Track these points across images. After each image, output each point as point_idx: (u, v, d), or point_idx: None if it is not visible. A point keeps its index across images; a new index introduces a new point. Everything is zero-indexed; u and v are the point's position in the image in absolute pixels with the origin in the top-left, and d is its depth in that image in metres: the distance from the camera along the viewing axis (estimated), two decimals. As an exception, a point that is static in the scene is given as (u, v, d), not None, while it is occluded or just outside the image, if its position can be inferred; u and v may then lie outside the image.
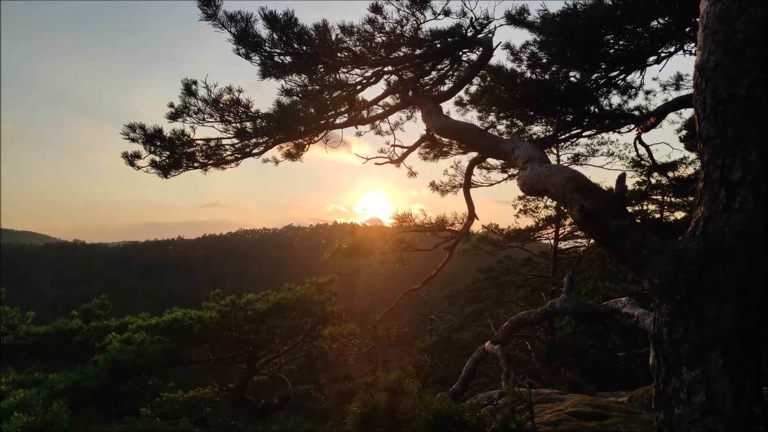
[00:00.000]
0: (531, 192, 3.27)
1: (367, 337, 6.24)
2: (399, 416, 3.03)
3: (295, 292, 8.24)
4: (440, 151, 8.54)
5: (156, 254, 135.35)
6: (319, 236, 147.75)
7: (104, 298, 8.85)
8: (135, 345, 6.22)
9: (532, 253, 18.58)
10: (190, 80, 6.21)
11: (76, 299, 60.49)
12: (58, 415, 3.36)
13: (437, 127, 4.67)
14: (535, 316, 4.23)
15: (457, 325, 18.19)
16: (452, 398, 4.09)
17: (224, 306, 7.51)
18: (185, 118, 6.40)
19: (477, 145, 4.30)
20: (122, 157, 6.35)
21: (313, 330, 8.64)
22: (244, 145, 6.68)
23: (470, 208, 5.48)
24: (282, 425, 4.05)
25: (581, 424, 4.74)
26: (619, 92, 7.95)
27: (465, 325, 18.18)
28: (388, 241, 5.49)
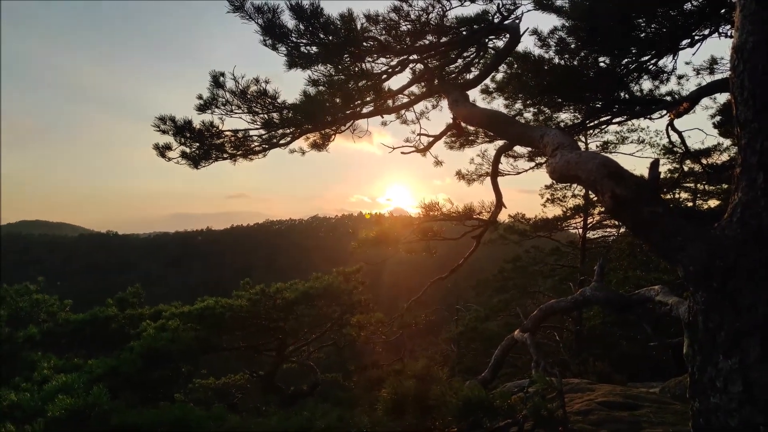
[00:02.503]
0: (561, 179, 3.24)
1: (395, 325, 6.28)
2: (429, 403, 3.06)
3: (322, 281, 8.34)
4: (466, 140, 8.48)
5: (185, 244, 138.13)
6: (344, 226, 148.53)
7: (138, 287, 9.10)
8: (169, 332, 6.40)
9: (560, 242, 18.40)
10: (218, 72, 6.29)
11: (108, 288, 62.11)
12: (99, 398, 3.48)
13: (464, 115, 4.64)
14: (565, 305, 4.19)
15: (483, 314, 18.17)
16: (481, 386, 4.10)
17: (254, 294, 7.66)
18: (213, 109, 6.50)
19: (504, 132, 4.26)
20: (154, 148, 6.48)
21: (340, 318, 8.74)
22: (271, 136, 6.76)
23: (498, 196, 5.45)
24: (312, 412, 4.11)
25: (612, 414, 4.70)
26: (651, 77, 7.74)
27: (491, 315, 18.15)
28: (415, 231, 5.49)
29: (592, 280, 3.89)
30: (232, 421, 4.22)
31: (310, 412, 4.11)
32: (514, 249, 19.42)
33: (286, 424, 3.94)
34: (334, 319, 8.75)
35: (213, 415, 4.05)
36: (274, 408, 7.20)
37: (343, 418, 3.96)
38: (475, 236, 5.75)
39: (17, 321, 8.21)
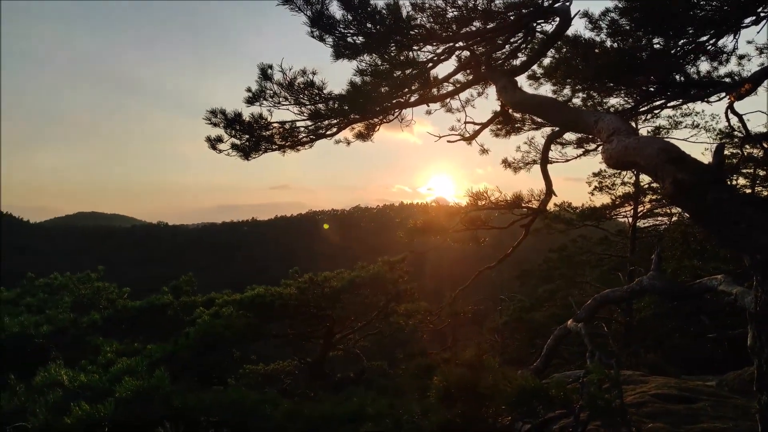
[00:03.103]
0: (617, 165, 3.15)
1: (442, 314, 6.29)
2: (481, 391, 3.06)
3: (368, 270, 8.43)
4: (512, 127, 8.34)
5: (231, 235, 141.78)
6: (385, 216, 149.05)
7: (190, 275, 9.43)
8: (223, 319, 6.62)
9: (608, 231, 17.92)
10: (266, 65, 6.39)
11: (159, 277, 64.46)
12: (161, 381, 3.64)
13: (513, 102, 4.56)
14: (620, 294, 4.09)
15: (528, 305, 17.92)
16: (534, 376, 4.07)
17: (302, 283, 7.82)
18: (262, 101, 6.61)
19: (555, 119, 4.17)
20: (206, 141, 6.67)
21: (386, 307, 8.81)
22: (317, 127, 6.83)
23: (548, 184, 5.35)
24: (363, 398, 4.19)
25: (667, 407, 4.57)
26: (709, 58, 7.39)
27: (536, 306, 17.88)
28: (462, 220, 5.46)
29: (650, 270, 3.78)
30: (284, 405, 4.34)
31: (361, 399, 4.18)
32: (560, 238, 19.04)
33: (337, 410, 4.02)
34: (380, 308, 8.83)
35: (267, 399, 4.17)
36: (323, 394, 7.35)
37: (393, 405, 4.01)
38: (524, 225, 5.67)
39: (80, 307, 8.67)
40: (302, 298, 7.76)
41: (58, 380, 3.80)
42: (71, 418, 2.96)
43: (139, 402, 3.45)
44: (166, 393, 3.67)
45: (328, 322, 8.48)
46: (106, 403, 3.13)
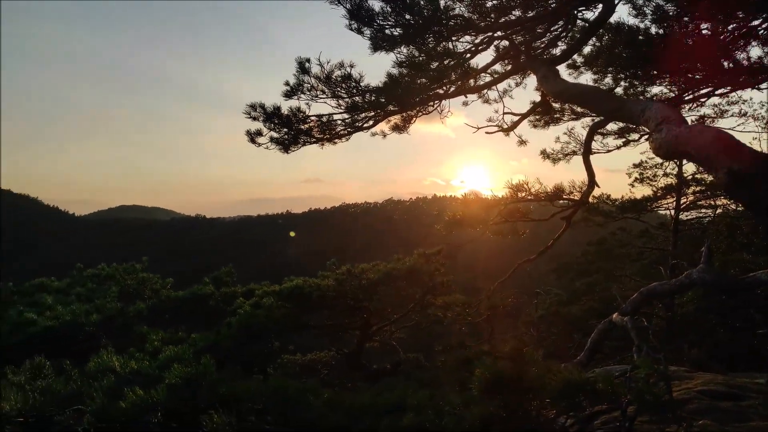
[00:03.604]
0: (667, 155, 3.07)
1: (482, 306, 6.27)
2: (524, 384, 3.04)
3: (404, 262, 8.45)
4: (551, 117, 8.21)
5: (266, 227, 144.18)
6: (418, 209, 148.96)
7: (230, 267, 9.65)
8: (264, 309, 6.76)
9: (649, 224, 17.46)
10: (304, 58, 6.45)
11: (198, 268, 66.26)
12: (208, 369, 3.73)
13: (555, 91, 4.49)
14: (668, 288, 3.98)
15: (565, 299, 17.64)
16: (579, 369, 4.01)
17: (340, 275, 7.91)
18: (299, 95, 6.69)
19: (600, 108, 4.09)
20: (246, 134, 6.79)
21: (422, 300, 8.83)
22: (354, 120, 6.87)
23: (590, 175, 5.25)
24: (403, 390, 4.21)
25: (715, 403, 4.44)
26: (760, 43, 7.09)
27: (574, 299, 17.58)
28: (501, 212, 5.41)
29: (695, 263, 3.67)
30: (325, 395, 4.40)
31: (401, 390, 4.20)
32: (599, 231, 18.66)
33: (378, 400, 4.05)
34: (416, 300, 8.85)
35: (308, 388, 4.23)
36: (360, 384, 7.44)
37: (434, 396, 4.02)
38: (565, 217, 5.58)
39: (126, 297, 8.99)
40: (340, 289, 7.84)
41: (110, 366, 3.95)
42: (126, 402, 3.08)
43: (188, 388, 3.55)
44: (213, 380, 3.77)
45: (365, 313, 8.55)
46: (159, 388, 3.24)
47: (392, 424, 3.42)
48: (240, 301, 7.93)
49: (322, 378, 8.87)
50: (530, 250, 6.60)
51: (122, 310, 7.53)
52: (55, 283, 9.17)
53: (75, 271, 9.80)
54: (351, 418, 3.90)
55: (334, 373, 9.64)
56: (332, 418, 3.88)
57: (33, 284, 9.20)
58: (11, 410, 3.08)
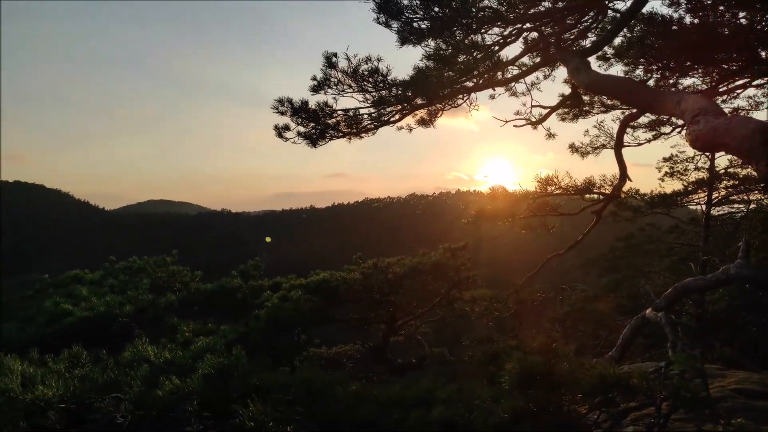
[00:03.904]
0: (704, 147, 3.00)
1: (509, 301, 6.24)
2: (556, 379, 3.02)
3: (429, 256, 8.44)
4: (580, 110, 8.08)
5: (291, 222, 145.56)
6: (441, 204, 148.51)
7: (257, 260, 9.78)
8: (291, 302, 6.84)
9: (679, 219, 17.05)
10: (331, 53, 6.47)
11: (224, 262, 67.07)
12: (239, 359, 3.79)
13: (587, 83, 4.41)
14: (703, 283, 3.90)
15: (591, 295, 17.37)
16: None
17: (366, 268, 7.94)
18: (326, 90, 6.71)
19: (634, 100, 4.00)
20: (274, 129, 6.86)
21: (447, 294, 8.81)
22: (380, 114, 6.87)
23: (622, 169, 5.15)
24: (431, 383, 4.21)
25: (750, 402, 4.34)
26: (800, 32, 6.87)
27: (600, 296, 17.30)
28: (530, 206, 5.35)
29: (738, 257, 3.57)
30: (353, 387, 4.43)
31: (429, 383, 4.20)
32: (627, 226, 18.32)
33: (406, 393, 4.06)
34: (442, 295, 8.84)
35: (337, 380, 4.26)
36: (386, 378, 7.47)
37: (462, 390, 4.01)
38: (596, 211, 5.49)
39: (157, 289, 9.18)
40: (366, 283, 7.88)
41: (145, 356, 4.04)
42: (163, 390, 3.15)
43: (220, 379, 3.62)
44: (244, 371, 3.84)
45: (391, 307, 8.58)
46: (194, 378, 3.31)
47: (421, 417, 3.43)
48: (267, 294, 8.03)
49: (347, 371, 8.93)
50: (554, 244, 6.53)
51: (154, 302, 7.69)
52: (89, 275, 9.43)
53: (108, 264, 10.06)
54: (379, 411, 3.92)
55: (359, 367, 9.69)
56: (360, 410, 3.91)
57: (68, 276, 9.48)
58: (53, 397, 3.18)
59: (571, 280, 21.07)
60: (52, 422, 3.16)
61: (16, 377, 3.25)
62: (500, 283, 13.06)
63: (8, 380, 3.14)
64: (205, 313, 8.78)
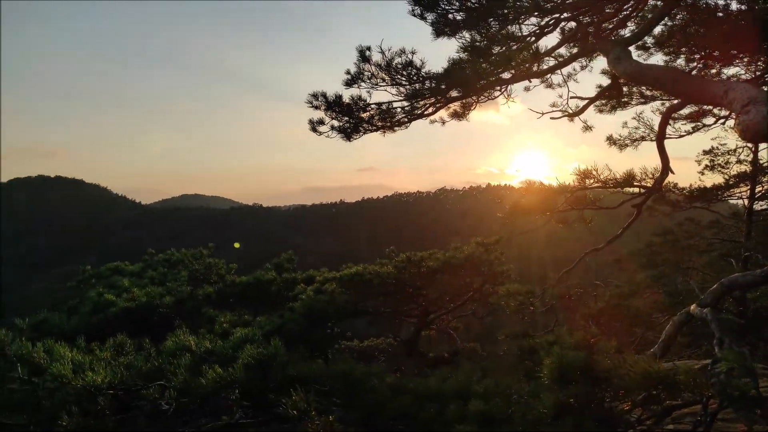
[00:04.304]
0: (755, 138, 2.91)
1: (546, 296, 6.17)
2: (598, 374, 2.97)
3: (462, 251, 8.40)
4: (619, 102, 7.88)
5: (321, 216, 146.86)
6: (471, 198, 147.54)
7: (291, 253, 9.90)
8: (326, 295, 6.92)
9: (720, 214, 16.48)
10: (365, 46, 6.48)
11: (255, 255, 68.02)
12: (278, 350, 3.86)
13: (628, 73, 4.29)
14: (751, 279, 3.77)
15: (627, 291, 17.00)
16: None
17: (399, 262, 7.96)
18: (360, 83, 6.73)
19: (678, 90, 3.87)
20: (308, 123, 6.91)
21: (480, 289, 8.75)
22: (413, 107, 6.85)
23: (664, 161, 5.01)
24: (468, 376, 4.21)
25: (801, 403, 4.19)
26: None
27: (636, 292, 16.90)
28: (568, 200, 5.26)
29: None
30: (390, 379, 4.46)
31: (466, 377, 4.20)
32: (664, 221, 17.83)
33: (443, 386, 4.07)
34: (475, 289, 8.79)
35: (374, 372, 4.30)
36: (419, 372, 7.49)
37: (499, 383, 3.99)
38: (636, 205, 5.37)
39: (194, 281, 9.40)
40: (399, 277, 7.89)
41: (186, 345, 4.14)
42: (206, 379, 3.23)
43: (259, 368, 3.69)
44: (283, 361, 3.90)
45: (424, 301, 8.58)
46: (236, 367, 3.38)
47: (459, 410, 3.43)
48: (300, 287, 8.13)
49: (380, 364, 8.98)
50: (586, 239, 6.43)
51: (192, 294, 7.89)
52: (129, 267, 9.72)
53: (147, 256, 10.34)
54: (415, 403, 3.94)
55: (391, 360, 9.74)
56: (397, 402, 3.93)
57: (108, 267, 9.78)
58: (102, 383, 3.30)
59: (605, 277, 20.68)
60: (102, 408, 3.27)
61: (68, 364, 3.38)
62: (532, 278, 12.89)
63: (61, 366, 3.27)
64: (241, 305, 8.94)
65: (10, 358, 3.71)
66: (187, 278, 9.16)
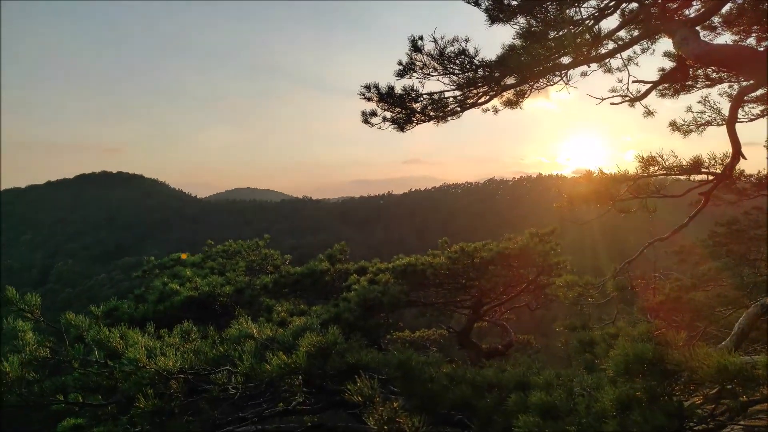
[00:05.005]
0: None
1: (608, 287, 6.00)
2: (668, 367, 2.87)
3: (516, 241, 8.27)
4: (683, 85, 7.52)
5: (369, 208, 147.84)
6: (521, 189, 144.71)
7: (343, 244, 10.01)
8: (380, 285, 6.98)
9: (792, 202, 15.50)
10: (416, 36, 6.45)
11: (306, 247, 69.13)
12: (336, 338, 3.93)
13: (697, 54, 4.09)
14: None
15: (688, 284, 16.27)
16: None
17: (453, 253, 7.92)
18: (412, 74, 6.70)
19: (755, 71, 3.66)
20: (361, 115, 6.95)
21: (535, 280, 8.60)
22: (465, 96, 6.77)
23: (735, 146, 4.74)
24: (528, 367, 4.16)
25: None
26: None
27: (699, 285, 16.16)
28: (630, 188, 5.07)
29: None
30: (446, 369, 4.47)
31: (526, 367, 4.15)
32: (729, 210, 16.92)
33: (502, 377, 4.04)
34: (529, 281, 8.64)
35: (431, 362, 4.32)
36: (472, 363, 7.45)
37: (560, 375, 3.92)
38: (703, 193, 5.12)
39: (251, 271, 9.70)
40: (452, 267, 7.86)
41: (249, 333, 4.28)
42: (271, 365, 3.33)
43: (321, 356, 3.77)
44: (342, 349, 3.97)
45: (477, 292, 8.51)
46: (296, 354, 3.47)
47: (519, 401, 3.40)
48: (353, 277, 8.22)
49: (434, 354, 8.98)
50: (642, 229, 6.17)
51: (249, 283, 8.13)
52: (190, 257, 10.12)
53: (206, 247, 10.74)
54: (474, 393, 3.93)
55: (443, 352, 9.72)
56: (456, 391, 3.93)
57: (171, 258, 10.23)
58: (173, 368, 3.46)
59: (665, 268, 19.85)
60: (174, 390, 3.44)
61: (141, 349, 3.56)
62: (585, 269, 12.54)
63: (136, 351, 3.45)
64: (295, 294, 9.14)
65: (88, 342, 3.95)
66: (244, 268, 9.45)
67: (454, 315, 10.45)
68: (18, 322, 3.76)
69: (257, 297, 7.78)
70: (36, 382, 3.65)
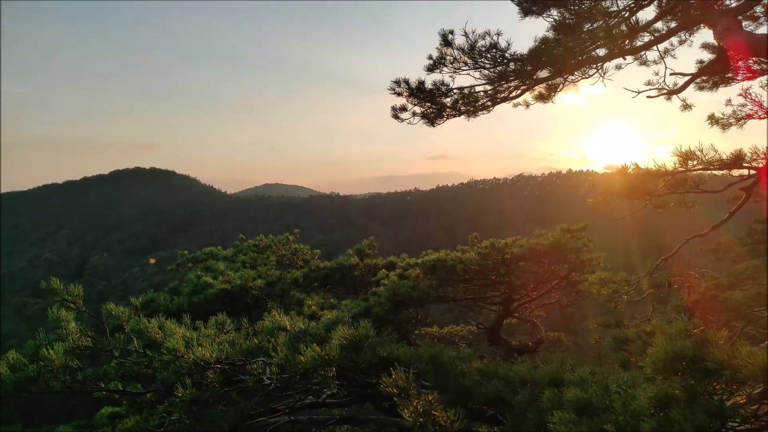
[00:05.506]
0: None
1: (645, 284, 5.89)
2: (708, 365, 2.81)
3: (547, 237, 8.15)
4: (722, 77, 7.29)
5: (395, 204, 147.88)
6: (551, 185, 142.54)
7: (372, 239, 10.05)
8: (409, 280, 7.00)
9: (837, 198, 14.91)
10: (447, 30, 6.41)
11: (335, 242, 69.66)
12: (368, 331, 3.96)
13: (740, 45, 3.97)
14: None
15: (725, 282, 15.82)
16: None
17: (483, 248, 7.87)
18: (442, 68, 6.66)
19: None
20: (391, 110, 6.95)
21: (567, 276, 8.48)
22: (496, 90, 6.70)
23: (779, 140, 4.58)
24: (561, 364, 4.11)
25: None
26: None
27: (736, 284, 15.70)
28: (667, 183, 4.95)
29: None
30: (478, 364, 4.45)
31: (559, 364, 4.10)
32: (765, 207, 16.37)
33: (535, 373, 4.00)
34: (560, 278, 8.52)
35: (462, 357, 4.31)
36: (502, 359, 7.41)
37: (594, 372, 3.87)
38: (745, 188, 4.97)
39: (282, 265, 9.83)
40: (483, 263, 7.81)
41: (282, 325, 4.34)
42: (305, 357, 3.38)
43: (353, 349, 3.81)
44: (374, 343, 4.00)
45: (507, 288, 8.44)
46: (329, 346, 3.51)
47: (553, 397, 3.36)
48: (382, 272, 8.26)
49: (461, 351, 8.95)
50: (675, 227, 6.03)
51: (280, 277, 8.25)
52: (222, 251, 10.32)
53: (237, 241, 10.94)
54: (508, 389, 3.91)
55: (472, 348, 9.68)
56: (488, 386, 3.92)
57: (204, 252, 10.44)
58: (210, 358, 3.55)
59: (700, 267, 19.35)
60: (211, 380, 3.52)
61: (179, 339, 3.66)
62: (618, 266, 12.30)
63: (174, 341, 3.54)
64: (324, 288, 9.23)
65: (127, 332, 4.08)
66: (275, 262, 9.58)
67: (483, 311, 10.39)
68: (62, 311, 3.90)
69: (288, 290, 7.88)
70: (79, 370, 3.79)
